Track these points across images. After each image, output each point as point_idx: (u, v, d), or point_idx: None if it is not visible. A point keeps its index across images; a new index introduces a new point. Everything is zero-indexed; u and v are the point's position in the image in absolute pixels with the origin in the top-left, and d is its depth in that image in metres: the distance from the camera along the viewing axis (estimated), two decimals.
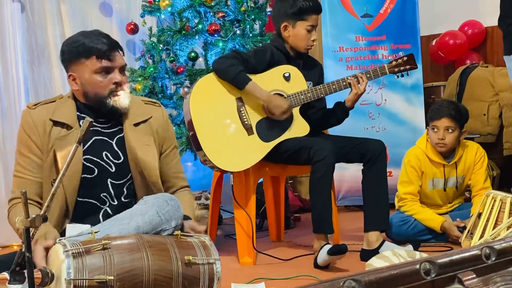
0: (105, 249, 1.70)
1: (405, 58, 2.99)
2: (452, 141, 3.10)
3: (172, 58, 3.94)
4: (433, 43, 4.98)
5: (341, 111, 3.00)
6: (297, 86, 2.92)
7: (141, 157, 2.13)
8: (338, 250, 2.58)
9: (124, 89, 2.14)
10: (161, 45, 3.96)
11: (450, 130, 3.08)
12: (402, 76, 3.03)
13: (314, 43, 2.98)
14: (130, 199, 2.14)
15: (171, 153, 2.31)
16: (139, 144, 2.16)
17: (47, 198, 2.05)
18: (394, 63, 2.98)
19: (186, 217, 2.12)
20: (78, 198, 2.08)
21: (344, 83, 2.92)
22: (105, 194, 2.11)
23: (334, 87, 2.91)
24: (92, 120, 1.81)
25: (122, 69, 2.16)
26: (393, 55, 4.30)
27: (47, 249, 1.83)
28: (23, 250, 1.60)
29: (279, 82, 2.92)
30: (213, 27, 3.87)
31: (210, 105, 2.86)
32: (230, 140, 2.84)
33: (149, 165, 2.14)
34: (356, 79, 2.91)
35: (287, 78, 2.92)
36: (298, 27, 2.94)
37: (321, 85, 2.93)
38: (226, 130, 2.85)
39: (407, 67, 2.99)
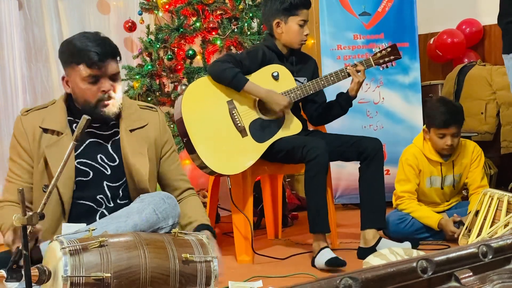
0: (102, 246, 1.70)
1: (388, 49, 3.00)
2: (457, 142, 3.13)
3: (169, 56, 3.94)
4: (431, 42, 4.98)
5: (345, 101, 3.01)
6: (286, 84, 2.93)
7: (132, 164, 2.13)
8: (336, 264, 2.58)
9: (113, 97, 2.10)
10: (158, 43, 3.95)
11: (456, 135, 3.10)
12: (387, 67, 3.04)
13: (307, 38, 2.99)
14: (126, 201, 2.14)
15: (171, 156, 2.30)
16: (132, 150, 2.15)
17: (38, 203, 2.05)
18: (378, 54, 3.00)
19: (207, 227, 2.13)
20: (74, 201, 2.08)
21: (342, 74, 2.93)
22: (101, 196, 2.11)
23: (332, 79, 2.93)
24: (89, 117, 1.81)
25: (113, 77, 2.11)
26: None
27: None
28: (20, 248, 1.60)
29: (268, 82, 2.92)
30: (211, 25, 3.86)
31: (202, 110, 2.86)
32: (225, 144, 2.84)
33: (139, 172, 2.13)
34: (354, 68, 2.93)
35: (275, 78, 2.93)
36: (290, 22, 2.94)
37: (314, 79, 2.94)
38: (220, 134, 2.85)
39: (391, 57, 3.00)
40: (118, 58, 2.14)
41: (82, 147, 2.12)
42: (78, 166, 2.09)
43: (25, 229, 1.57)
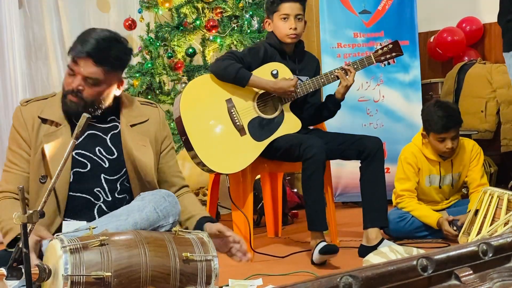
0: (103, 245, 1.70)
1: (390, 46, 2.98)
2: (457, 144, 3.13)
3: (169, 54, 3.94)
4: (431, 40, 4.98)
5: (332, 104, 3.00)
6: None
7: (138, 157, 2.13)
8: (329, 250, 2.61)
9: (80, 97, 2.06)
10: (158, 41, 3.95)
11: (456, 137, 3.10)
12: (389, 64, 3.03)
13: (295, 32, 2.93)
14: (124, 195, 2.13)
15: (170, 153, 2.31)
16: (135, 144, 2.15)
17: (35, 194, 2.05)
18: (380, 51, 2.99)
19: (210, 219, 2.15)
20: (70, 193, 2.07)
21: (332, 76, 2.92)
22: (98, 189, 2.10)
23: (322, 80, 2.92)
24: (89, 116, 1.81)
25: (88, 79, 2.04)
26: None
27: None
28: (20, 246, 1.60)
29: None
30: (211, 23, 3.86)
31: (200, 109, 2.86)
32: (224, 143, 2.84)
33: (146, 164, 2.13)
34: (343, 71, 2.91)
35: (275, 76, 2.92)
36: (274, 19, 2.97)
37: (310, 79, 2.93)
38: (218, 133, 2.85)
39: (393, 54, 2.99)
40: (103, 65, 2.05)
41: (81, 139, 2.11)
42: (76, 157, 2.09)
43: (25, 227, 1.57)
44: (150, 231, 1.90)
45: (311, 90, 2.92)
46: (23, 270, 1.59)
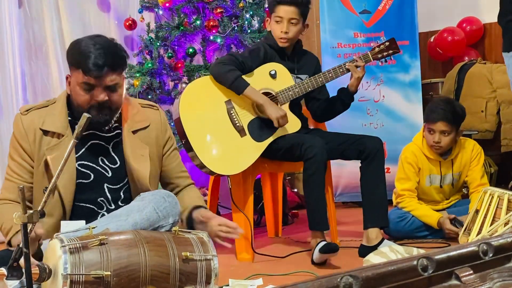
0: (102, 244, 1.70)
1: (387, 43, 3.00)
2: (448, 143, 3.10)
3: (170, 54, 3.94)
4: (432, 40, 4.97)
5: (346, 97, 3.01)
6: (283, 82, 2.93)
7: (134, 167, 2.13)
8: (329, 249, 2.61)
9: (107, 106, 2.07)
10: (159, 41, 3.95)
11: (446, 134, 3.07)
12: (386, 61, 3.07)
13: (285, 36, 2.91)
14: (127, 203, 2.13)
15: (172, 154, 2.31)
16: (134, 153, 2.14)
17: (38, 205, 2.05)
18: (377, 49, 3.00)
19: (198, 206, 2.15)
20: (75, 203, 2.08)
21: (341, 70, 2.94)
22: (102, 199, 2.11)
23: (330, 75, 2.93)
24: (90, 116, 1.81)
25: (111, 87, 2.05)
26: None
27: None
28: (20, 246, 1.60)
29: (266, 81, 2.92)
30: (211, 23, 3.86)
31: (200, 110, 2.86)
32: (224, 144, 2.84)
33: (141, 175, 2.13)
34: (354, 63, 2.94)
35: (273, 76, 2.92)
36: (272, 20, 2.96)
37: (312, 76, 2.94)
38: (218, 134, 2.85)
39: (390, 51, 3.01)
40: (118, 69, 2.07)
41: (83, 150, 2.12)
42: (79, 168, 2.09)
43: (25, 227, 1.57)
44: (149, 231, 1.90)
45: (321, 84, 2.93)
46: (23, 270, 1.59)
